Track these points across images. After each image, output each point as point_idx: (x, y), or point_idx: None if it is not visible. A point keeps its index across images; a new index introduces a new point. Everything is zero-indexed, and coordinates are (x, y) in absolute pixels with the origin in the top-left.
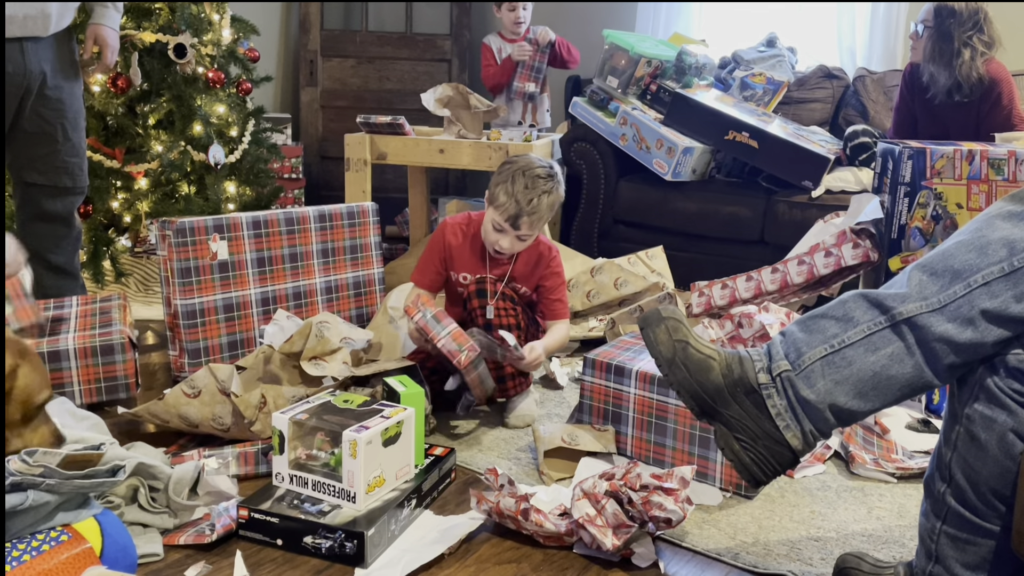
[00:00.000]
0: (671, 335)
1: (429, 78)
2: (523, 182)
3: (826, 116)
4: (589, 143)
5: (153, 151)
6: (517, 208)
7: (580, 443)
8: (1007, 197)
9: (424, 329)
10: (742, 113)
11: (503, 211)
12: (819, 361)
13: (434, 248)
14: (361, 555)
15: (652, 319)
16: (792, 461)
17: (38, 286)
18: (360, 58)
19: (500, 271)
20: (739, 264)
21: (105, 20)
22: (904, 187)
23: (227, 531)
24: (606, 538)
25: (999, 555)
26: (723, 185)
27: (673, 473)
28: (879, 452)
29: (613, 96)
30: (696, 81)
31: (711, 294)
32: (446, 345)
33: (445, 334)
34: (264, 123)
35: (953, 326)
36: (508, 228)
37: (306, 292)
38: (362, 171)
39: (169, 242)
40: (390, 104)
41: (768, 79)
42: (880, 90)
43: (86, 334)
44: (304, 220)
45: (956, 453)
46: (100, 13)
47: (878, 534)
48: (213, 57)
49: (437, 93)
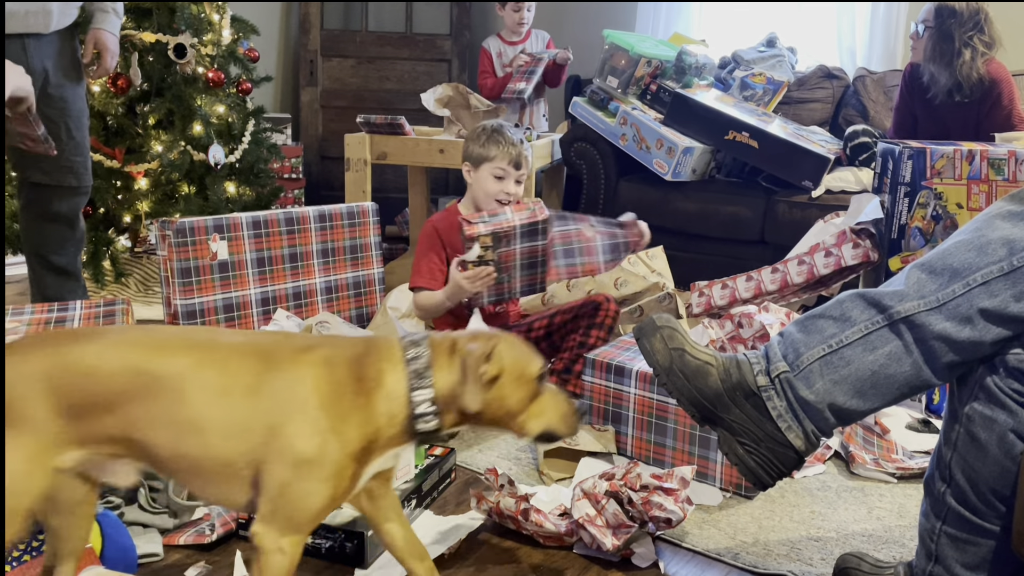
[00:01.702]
0: (667, 343)
1: (429, 78)
2: (504, 133)
3: (826, 116)
4: (589, 143)
5: (153, 151)
6: (515, 150)
7: (580, 443)
8: (1007, 197)
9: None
10: (742, 113)
11: (502, 157)
12: (817, 361)
13: (428, 244)
14: (361, 555)
15: (647, 329)
16: (797, 462)
17: (39, 286)
18: (360, 58)
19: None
20: (739, 264)
21: (106, 25)
22: (904, 187)
23: (227, 531)
24: (606, 538)
25: (999, 555)
26: (723, 185)
27: (673, 473)
28: (879, 452)
29: (613, 96)
30: (696, 81)
31: (711, 294)
32: (520, 214)
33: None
34: (264, 123)
35: (951, 325)
36: (511, 171)
37: (306, 292)
38: (362, 171)
39: (169, 242)
40: (390, 104)
41: (768, 79)
42: (880, 90)
43: None
44: (304, 220)
45: (956, 453)
46: (101, 18)
47: (878, 534)
48: (213, 57)
49: (437, 93)
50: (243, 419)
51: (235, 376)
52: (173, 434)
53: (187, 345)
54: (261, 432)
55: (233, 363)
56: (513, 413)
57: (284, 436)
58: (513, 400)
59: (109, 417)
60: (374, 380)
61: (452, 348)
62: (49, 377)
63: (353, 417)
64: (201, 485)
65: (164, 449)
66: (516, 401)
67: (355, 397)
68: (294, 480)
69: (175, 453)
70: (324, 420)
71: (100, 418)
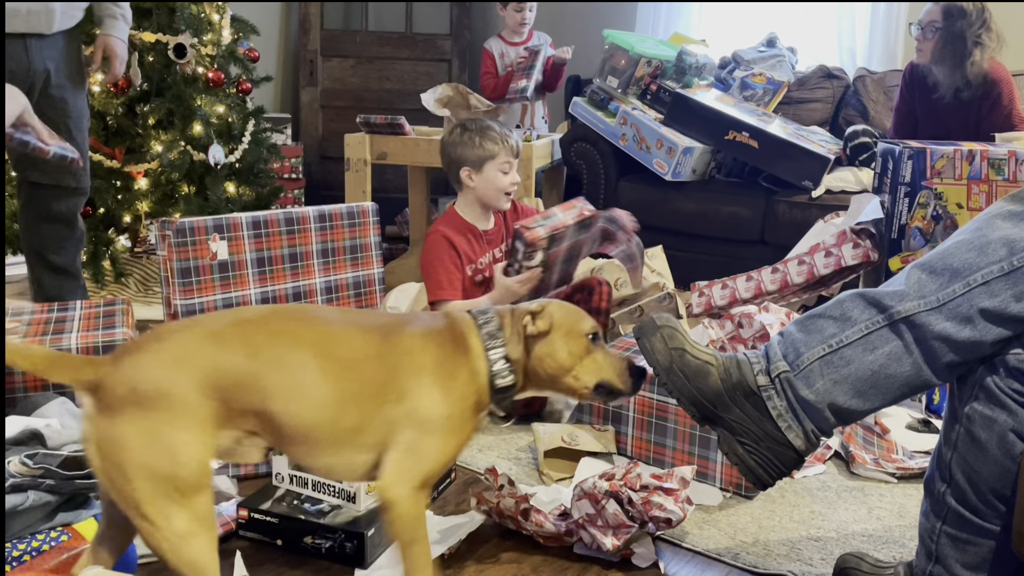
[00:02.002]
0: (667, 343)
1: (429, 78)
2: (493, 128)
3: (826, 116)
4: (589, 143)
5: (153, 151)
6: (510, 140)
7: (580, 443)
8: (1007, 197)
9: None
10: (742, 113)
11: (504, 151)
12: (818, 361)
13: (441, 253)
14: (361, 555)
15: (647, 328)
16: (797, 461)
17: (39, 286)
18: (360, 58)
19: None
20: (739, 264)
21: (114, 31)
22: (904, 187)
23: (227, 531)
24: (606, 538)
25: (999, 555)
26: (723, 185)
27: (673, 473)
28: (879, 452)
29: (613, 96)
30: (696, 81)
31: (711, 294)
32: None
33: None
34: (264, 123)
35: (951, 325)
36: (513, 161)
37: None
38: (362, 171)
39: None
40: (390, 104)
41: (768, 79)
42: (880, 90)
43: (89, 334)
44: (304, 220)
45: (956, 453)
46: (110, 24)
47: (878, 534)
48: (213, 57)
49: (437, 93)
50: (372, 387)
51: (361, 348)
52: (307, 405)
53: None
54: (388, 398)
55: (357, 337)
56: (566, 368)
57: (409, 400)
58: (563, 354)
59: (249, 392)
60: (464, 344)
61: (512, 312)
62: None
63: (460, 375)
64: (326, 455)
65: (297, 419)
66: (567, 355)
67: (456, 358)
68: (422, 438)
69: (308, 422)
70: (441, 382)
71: (241, 394)
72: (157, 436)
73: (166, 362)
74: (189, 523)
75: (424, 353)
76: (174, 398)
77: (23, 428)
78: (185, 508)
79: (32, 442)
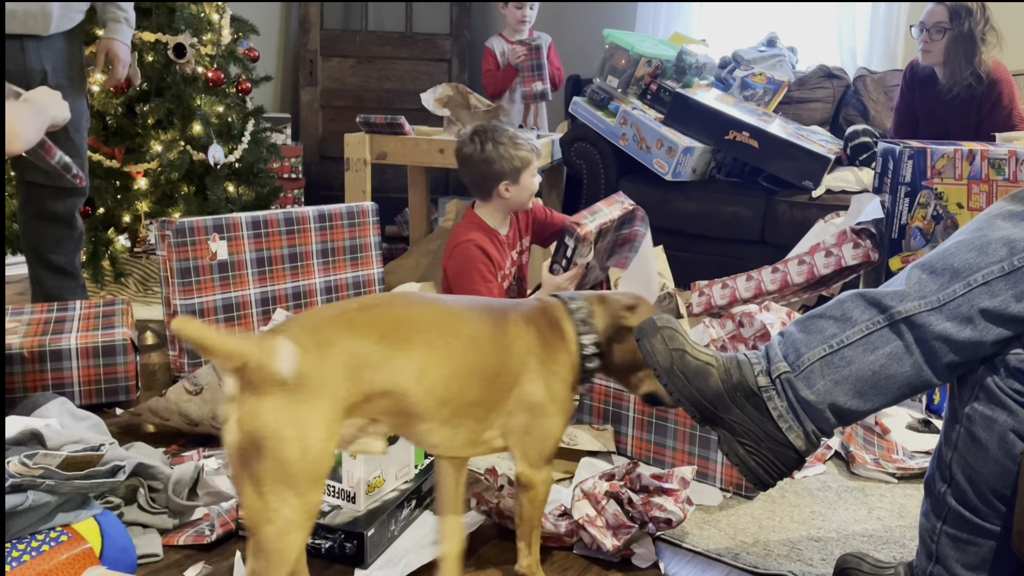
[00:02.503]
0: (667, 344)
1: (429, 78)
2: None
3: (826, 116)
4: (589, 143)
5: (152, 151)
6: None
7: (579, 443)
8: (1008, 197)
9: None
10: (742, 113)
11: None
12: (818, 361)
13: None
14: (361, 555)
15: (648, 329)
16: (797, 462)
17: (39, 286)
18: (360, 58)
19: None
20: (739, 264)
21: (118, 35)
22: (905, 187)
23: (227, 531)
24: (606, 539)
25: (999, 555)
26: (723, 185)
27: (673, 473)
28: (879, 452)
29: (613, 96)
30: (696, 81)
31: (711, 294)
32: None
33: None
34: (264, 123)
35: (952, 325)
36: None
37: (306, 292)
38: (362, 171)
39: (169, 242)
40: (390, 104)
41: (768, 79)
42: (880, 90)
43: (88, 334)
44: (304, 220)
45: (956, 453)
46: (113, 28)
47: (878, 534)
48: (213, 57)
49: (437, 93)
50: (491, 365)
51: (480, 328)
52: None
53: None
54: (504, 378)
55: (476, 317)
56: (635, 367)
57: (522, 384)
58: (639, 355)
59: (381, 373)
60: (559, 328)
61: (602, 300)
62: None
63: (559, 359)
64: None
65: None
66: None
67: (554, 342)
68: (536, 421)
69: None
70: (545, 366)
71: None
72: (295, 418)
73: (309, 346)
74: (299, 515)
75: (529, 338)
76: (315, 380)
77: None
78: (300, 498)
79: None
